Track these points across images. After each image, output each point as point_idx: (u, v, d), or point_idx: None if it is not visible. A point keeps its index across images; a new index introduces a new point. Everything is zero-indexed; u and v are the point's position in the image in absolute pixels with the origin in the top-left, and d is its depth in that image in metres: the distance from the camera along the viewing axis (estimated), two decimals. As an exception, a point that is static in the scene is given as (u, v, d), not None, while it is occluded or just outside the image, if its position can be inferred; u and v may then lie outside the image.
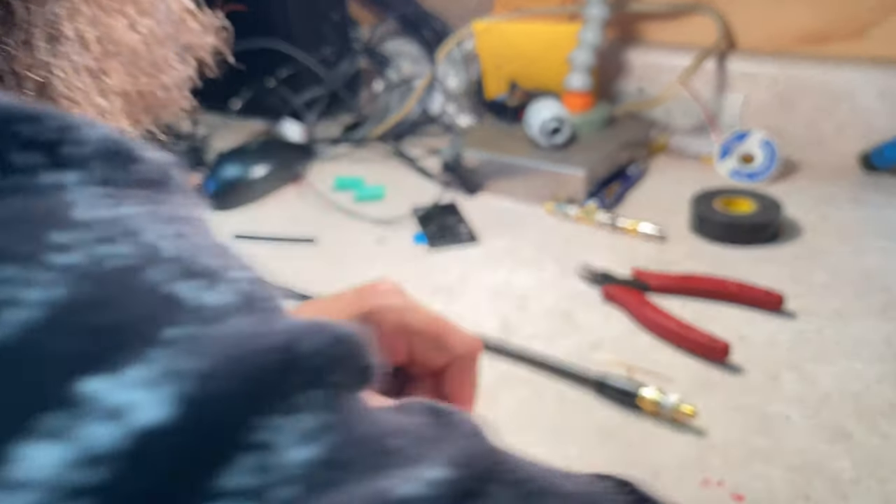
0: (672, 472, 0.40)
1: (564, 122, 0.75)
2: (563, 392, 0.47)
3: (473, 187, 0.77)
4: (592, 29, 0.78)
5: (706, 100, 0.85)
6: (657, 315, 0.52)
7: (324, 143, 0.92)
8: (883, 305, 0.54)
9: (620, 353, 0.50)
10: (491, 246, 0.66)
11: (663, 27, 0.90)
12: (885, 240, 0.64)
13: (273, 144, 0.83)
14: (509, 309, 0.56)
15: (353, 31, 1.01)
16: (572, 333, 0.53)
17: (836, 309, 0.54)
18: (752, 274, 0.59)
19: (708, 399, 0.45)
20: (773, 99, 0.82)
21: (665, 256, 0.63)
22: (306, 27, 0.96)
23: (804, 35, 0.82)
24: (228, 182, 0.76)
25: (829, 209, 0.70)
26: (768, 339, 0.51)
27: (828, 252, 0.62)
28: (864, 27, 0.78)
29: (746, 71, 0.82)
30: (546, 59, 0.86)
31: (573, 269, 0.61)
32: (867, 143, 0.79)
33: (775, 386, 0.46)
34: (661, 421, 0.44)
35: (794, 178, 0.78)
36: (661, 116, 0.89)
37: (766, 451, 0.41)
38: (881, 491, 0.38)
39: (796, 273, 0.59)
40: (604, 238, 0.67)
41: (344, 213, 0.74)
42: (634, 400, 0.44)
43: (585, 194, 0.71)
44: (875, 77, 0.76)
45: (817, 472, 0.40)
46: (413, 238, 0.68)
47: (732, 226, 0.64)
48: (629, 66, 0.90)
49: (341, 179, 0.80)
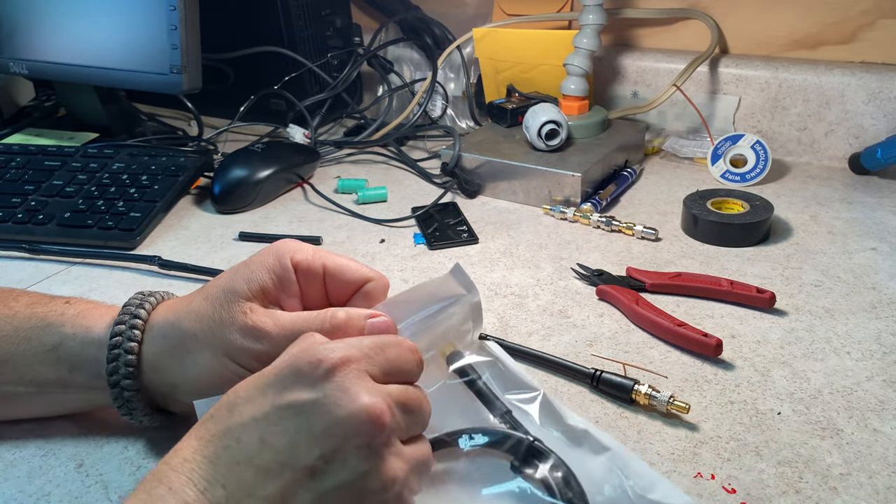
0: (665, 466, 0.41)
1: (561, 126, 0.76)
2: (559, 387, 0.48)
3: (472, 189, 0.78)
4: (588, 35, 0.80)
5: (699, 103, 0.86)
6: (651, 313, 0.53)
7: (327, 145, 0.93)
8: (872, 303, 0.55)
9: (615, 350, 0.51)
10: (489, 246, 0.67)
11: (657, 33, 0.91)
12: (874, 240, 0.65)
13: (278, 147, 0.83)
14: (507, 307, 0.57)
15: (356, 36, 1.02)
16: (568, 331, 0.54)
17: (827, 307, 0.55)
18: (745, 273, 0.60)
19: (701, 394, 0.46)
20: (765, 102, 0.83)
21: (659, 256, 0.64)
22: (310, 33, 0.97)
23: (796, 40, 0.83)
24: (234, 184, 0.77)
25: (820, 210, 0.71)
26: (760, 336, 0.52)
27: (818, 252, 0.63)
28: (855, 32, 0.80)
29: (739, 75, 0.84)
30: (543, 65, 0.87)
31: (569, 269, 0.62)
32: (857, 145, 0.80)
33: (767, 382, 0.47)
34: (654, 415, 0.45)
35: (785, 179, 0.79)
36: (656, 120, 0.91)
37: (757, 446, 0.42)
38: (871, 485, 0.39)
39: (787, 272, 0.60)
40: (599, 238, 0.68)
41: (346, 215, 0.75)
42: (629, 395, 0.45)
43: (581, 196, 0.72)
44: (865, 80, 0.77)
45: (808, 466, 0.40)
46: (413, 238, 0.69)
47: (725, 226, 0.65)
48: (624, 71, 0.91)
49: (344, 181, 0.81)
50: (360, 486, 0.31)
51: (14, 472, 0.42)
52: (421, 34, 0.99)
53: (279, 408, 0.31)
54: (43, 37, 0.87)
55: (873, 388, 0.46)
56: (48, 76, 0.90)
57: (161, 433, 0.44)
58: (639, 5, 0.89)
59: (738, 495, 0.39)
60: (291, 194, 0.81)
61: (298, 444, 0.30)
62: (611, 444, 0.39)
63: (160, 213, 0.74)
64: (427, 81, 0.92)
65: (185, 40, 0.77)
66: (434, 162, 0.87)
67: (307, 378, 0.32)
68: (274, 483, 0.30)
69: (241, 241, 0.71)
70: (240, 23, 0.97)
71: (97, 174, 0.77)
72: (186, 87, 0.79)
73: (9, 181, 0.76)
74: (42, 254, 0.68)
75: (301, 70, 0.95)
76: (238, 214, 0.77)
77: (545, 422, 0.41)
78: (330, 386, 0.31)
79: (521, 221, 0.72)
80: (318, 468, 0.30)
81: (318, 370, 0.32)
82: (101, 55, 0.83)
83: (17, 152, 0.81)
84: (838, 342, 0.51)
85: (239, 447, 0.31)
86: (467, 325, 0.43)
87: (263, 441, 0.30)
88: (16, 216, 0.71)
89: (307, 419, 0.31)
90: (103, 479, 0.41)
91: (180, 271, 0.64)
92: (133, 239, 0.69)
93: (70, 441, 0.44)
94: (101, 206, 0.72)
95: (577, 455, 0.39)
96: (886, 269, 0.60)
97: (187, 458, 0.31)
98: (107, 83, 0.85)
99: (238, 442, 0.31)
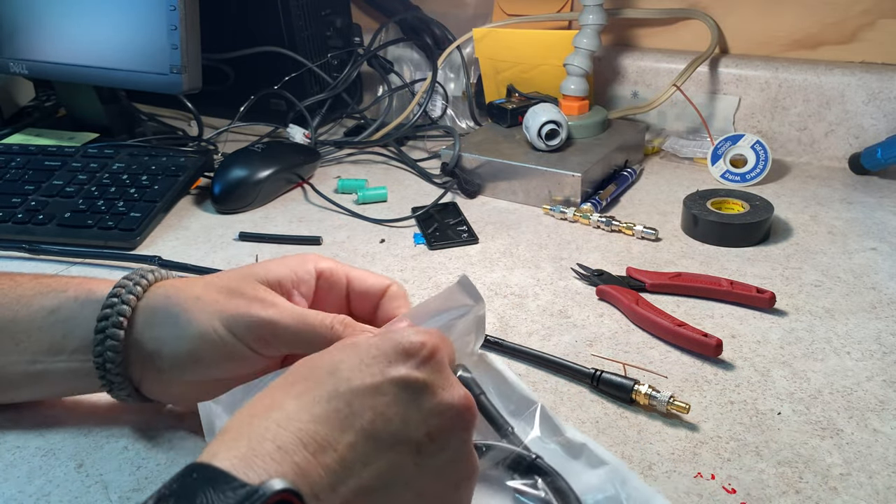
0: (665, 466, 0.41)
1: (561, 126, 0.76)
2: (559, 387, 0.48)
3: (472, 189, 0.78)
4: (588, 35, 0.80)
5: (699, 103, 0.86)
6: (651, 313, 0.53)
7: (327, 145, 0.93)
8: (872, 304, 0.55)
9: (615, 350, 0.51)
10: (489, 246, 0.67)
11: (657, 33, 0.91)
12: (874, 240, 0.65)
13: (278, 147, 0.83)
14: (507, 307, 0.57)
15: (356, 36, 1.02)
16: (568, 331, 0.54)
17: (827, 307, 0.55)
18: (745, 273, 0.60)
19: (701, 395, 0.46)
20: (765, 102, 0.83)
21: (659, 256, 0.64)
22: (310, 33, 0.97)
23: (796, 40, 0.83)
24: (234, 184, 0.77)
25: (820, 210, 0.71)
26: (760, 336, 0.52)
27: (818, 252, 0.63)
28: (855, 32, 0.80)
29: (739, 75, 0.84)
30: (543, 65, 0.87)
31: (569, 269, 0.62)
32: (857, 145, 0.80)
33: (767, 382, 0.47)
34: (654, 416, 0.45)
35: (785, 179, 0.79)
36: (656, 120, 0.91)
37: (757, 446, 0.42)
38: (871, 485, 0.39)
39: (787, 272, 0.60)
40: (599, 238, 0.68)
41: (346, 215, 0.75)
42: (629, 395, 0.45)
43: (581, 196, 0.72)
44: (865, 80, 0.77)
45: (808, 466, 0.40)
46: (413, 238, 0.69)
47: (725, 226, 0.65)
48: (624, 71, 0.91)
49: (344, 181, 0.81)
50: (455, 470, 0.32)
51: (14, 472, 0.42)
52: (421, 34, 0.99)
53: (390, 381, 0.31)
54: (43, 37, 0.87)
55: (873, 388, 0.46)
56: (48, 76, 0.90)
57: (162, 433, 0.44)
58: (639, 5, 0.89)
59: (738, 495, 0.39)
60: (291, 194, 0.81)
61: (410, 418, 0.31)
62: (609, 458, 0.39)
63: (160, 213, 0.74)
64: (427, 81, 0.92)
65: (185, 40, 0.77)
66: (434, 162, 0.87)
67: (413, 358, 0.32)
68: (386, 454, 0.30)
69: (241, 241, 0.71)
70: (240, 23, 0.97)
71: (97, 174, 0.77)
72: (186, 87, 0.79)
73: (9, 181, 0.76)
74: (42, 254, 0.68)
75: (301, 70, 0.95)
76: (238, 214, 0.77)
77: (544, 433, 0.41)
78: (435, 370, 0.32)
79: (521, 221, 0.72)
80: (424, 444, 0.31)
81: (422, 352, 0.32)
82: (101, 55, 0.83)
83: (17, 152, 0.81)
84: (838, 342, 0.51)
85: (350, 412, 0.30)
86: (470, 336, 0.43)
87: (375, 410, 0.30)
88: (16, 216, 0.71)
89: (419, 397, 0.31)
90: (103, 479, 0.41)
91: (180, 271, 0.64)
92: (133, 239, 0.69)
93: (70, 441, 0.44)
94: (101, 206, 0.72)
95: (575, 468, 0.39)
96: (886, 269, 0.60)
97: (292, 416, 0.29)
98: (107, 83, 0.85)
99: (349, 406, 0.30)
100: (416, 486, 0.31)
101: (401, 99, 0.98)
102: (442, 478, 0.31)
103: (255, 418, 0.29)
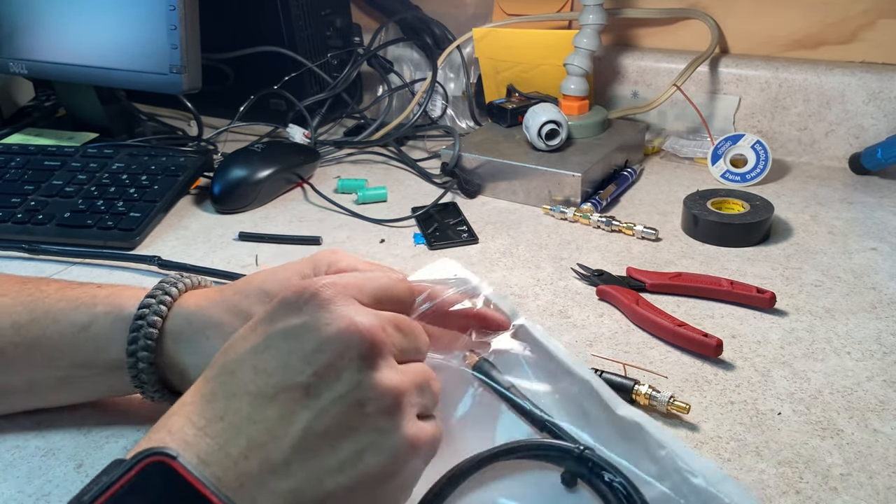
0: (666, 465, 0.41)
1: (561, 126, 0.76)
2: (560, 388, 0.48)
3: (472, 189, 0.78)
4: (588, 35, 0.80)
5: (699, 103, 0.86)
6: (651, 313, 0.53)
7: (327, 145, 0.93)
8: (872, 303, 0.55)
9: (615, 350, 0.51)
10: (489, 246, 0.67)
11: (657, 33, 0.91)
12: (874, 240, 0.65)
13: (278, 147, 0.83)
14: (508, 308, 0.57)
15: (356, 36, 1.02)
16: (568, 331, 0.54)
17: (827, 307, 0.55)
18: (745, 273, 0.60)
19: (701, 395, 0.46)
20: (766, 102, 0.83)
21: (659, 256, 0.64)
22: (310, 33, 0.97)
23: (796, 39, 0.83)
24: (234, 184, 0.77)
25: (820, 210, 0.71)
26: (760, 336, 0.52)
27: (819, 252, 0.63)
28: (855, 32, 0.80)
29: (739, 75, 0.84)
30: (543, 65, 0.88)
31: (569, 269, 0.62)
32: (857, 145, 0.80)
33: (767, 382, 0.47)
34: (655, 416, 0.45)
35: (785, 179, 0.79)
36: (656, 120, 0.91)
37: (757, 446, 0.42)
38: (871, 485, 0.39)
39: (788, 272, 0.60)
40: (599, 238, 0.68)
41: (346, 215, 0.75)
42: (629, 395, 0.45)
43: (581, 196, 0.72)
44: (865, 80, 0.77)
45: (808, 466, 0.40)
46: (413, 238, 0.69)
47: (725, 226, 0.65)
48: (624, 71, 0.91)
49: (344, 181, 0.81)
50: (356, 397, 0.30)
51: (14, 472, 0.42)
52: (421, 34, 0.99)
53: (268, 336, 0.31)
54: (43, 37, 0.87)
55: (873, 389, 0.46)
56: (48, 76, 0.90)
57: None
58: (639, 5, 0.89)
59: (738, 495, 0.39)
60: (291, 194, 0.81)
61: (290, 364, 0.30)
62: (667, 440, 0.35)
63: (160, 213, 0.74)
64: (427, 81, 0.92)
65: (184, 40, 0.77)
66: (434, 162, 0.87)
67: (293, 305, 0.32)
68: (271, 406, 0.30)
69: (241, 241, 0.71)
70: (240, 23, 0.97)
71: (97, 174, 0.77)
72: (186, 87, 0.79)
73: (8, 181, 0.76)
74: (42, 254, 0.68)
75: (301, 70, 0.95)
76: (238, 214, 0.77)
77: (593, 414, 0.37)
78: (316, 307, 0.31)
79: (521, 221, 0.72)
80: (312, 385, 0.30)
81: (303, 296, 0.32)
82: (101, 55, 0.83)
83: (16, 152, 0.81)
84: (838, 342, 0.51)
85: (233, 380, 0.31)
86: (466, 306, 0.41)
87: (256, 368, 0.30)
88: (15, 216, 0.71)
89: (297, 340, 0.31)
90: (103, 480, 0.41)
91: (180, 271, 0.64)
92: (133, 239, 0.69)
93: (70, 441, 0.44)
94: (101, 206, 0.72)
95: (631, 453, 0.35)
96: (886, 269, 0.60)
97: (186, 402, 0.31)
98: (107, 83, 0.85)
99: (233, 375, 0.31)
100: (318, 427, 0.30)
101: (401, 99, 0.98)
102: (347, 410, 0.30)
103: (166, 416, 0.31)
